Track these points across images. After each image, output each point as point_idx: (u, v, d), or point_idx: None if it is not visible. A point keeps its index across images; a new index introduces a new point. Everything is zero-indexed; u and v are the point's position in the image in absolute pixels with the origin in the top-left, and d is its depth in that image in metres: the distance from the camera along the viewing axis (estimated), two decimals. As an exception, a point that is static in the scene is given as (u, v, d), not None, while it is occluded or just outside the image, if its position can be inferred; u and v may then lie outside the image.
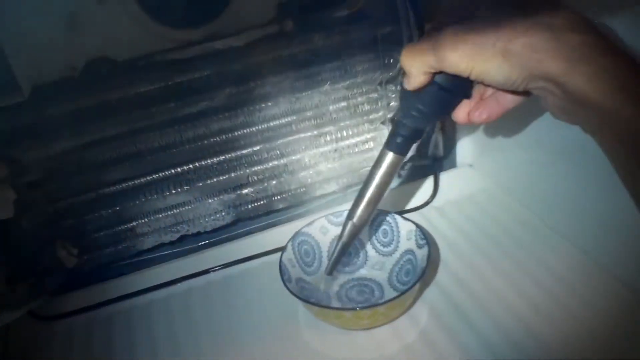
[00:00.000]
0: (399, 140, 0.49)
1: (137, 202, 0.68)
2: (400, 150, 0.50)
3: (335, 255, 0.57)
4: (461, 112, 0.47)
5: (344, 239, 0.56)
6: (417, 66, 0.43)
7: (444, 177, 0.76)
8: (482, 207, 0.73)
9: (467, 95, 0.46)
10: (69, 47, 0.61)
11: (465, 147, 0.78)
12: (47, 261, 0.68)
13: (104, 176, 0.66)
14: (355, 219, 0.54)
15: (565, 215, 0.64)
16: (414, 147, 0.52)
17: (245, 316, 0.63)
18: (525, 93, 0.43)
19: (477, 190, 0.76)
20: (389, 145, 0.50)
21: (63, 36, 0.60)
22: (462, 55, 0.39)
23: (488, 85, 0.43)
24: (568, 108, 0.38)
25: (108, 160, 0.65)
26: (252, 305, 0.65)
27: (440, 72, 0.43)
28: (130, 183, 0.67)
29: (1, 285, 0.63)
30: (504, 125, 0.69)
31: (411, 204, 0.75)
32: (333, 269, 0.58)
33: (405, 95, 0.46)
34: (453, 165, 0.79)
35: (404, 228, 0.63)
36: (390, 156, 0.50)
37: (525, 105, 0.45)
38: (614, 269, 0.58)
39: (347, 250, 0.57)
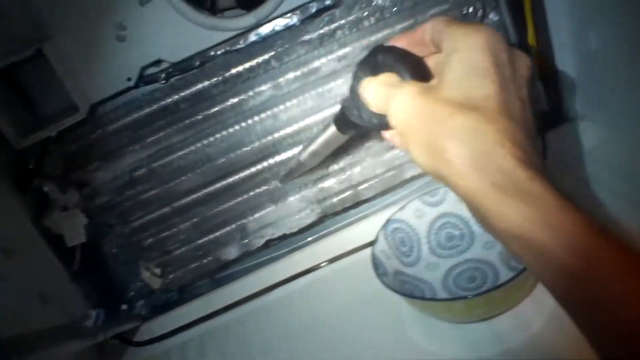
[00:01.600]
0: (340, 121, 0.47)
1: (215, 210, 0.64)
2: (341, 129, 0.47)
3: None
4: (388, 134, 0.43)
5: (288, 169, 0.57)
6: (375, 100, 0.39)
7: (552, 134, 0.65)
8: (602, 164, 0.62)
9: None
10: (121, 57, 0.58)
11: (575, 97, 0.66)
12: (133, 284, 0.65)
13: (176, 187, 0.62)
14: (301, 156, 0.54)
15: None
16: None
17: (345, 319, 0.57)
18: None
19: (594, 146, 0.64)
20: (333, 118, 0.48)
21: (113, 48, 0.58)
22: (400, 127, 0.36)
23: None
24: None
25: (178, 169, 0.62)
26: (351, 307, 0.58)
27: None
28: (204, 191, 0.63)
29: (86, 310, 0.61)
30: (620, 67, 0.58)
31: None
32: (285, 179, 0.59)
33: (354, 93, 0.42)
34: (561, 120, 0.68)
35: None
36: (332, 129, 0.48)
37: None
38: None
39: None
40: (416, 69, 0.37)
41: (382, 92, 0.38)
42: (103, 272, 0.64)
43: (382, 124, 0.39)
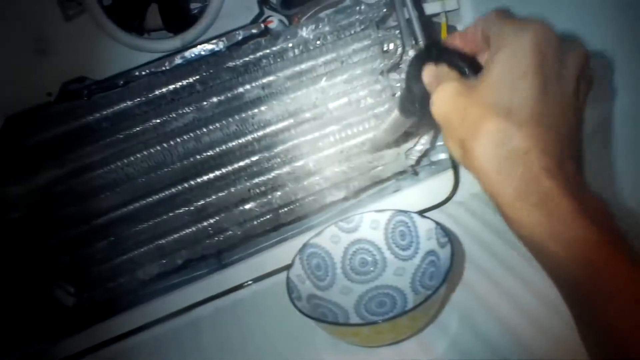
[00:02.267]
0: (401, 105, 0.45)
1: (133, 230, 0.63)
2: (402, 113, 0.46)
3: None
4: None
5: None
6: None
7: (465, 169, 0.69)
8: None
9: None
10: (41, 71, 0.58)
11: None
12: (44, 303, 0.63)
13: (94, 206, 0.61)
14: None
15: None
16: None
17: (259, 342, 0.58)
18: None
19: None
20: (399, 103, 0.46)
21: (33, 61, 0.57)
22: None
23: None
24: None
25: (96, 188, 0.61)
26: (266, 329, 0.59)
27: None
28: (123, 210, 0.62)
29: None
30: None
31: (431, 202, 0.68)
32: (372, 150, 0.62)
33: (407, 81, 0.41)
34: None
35: (423, 227, 0.56)
36: (395, 112, 0.47)
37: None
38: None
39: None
40: (463, 64, 0.37)
41: (432, 82, 0.38)
42: (16, 289, 0.62)
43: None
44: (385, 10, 0.62)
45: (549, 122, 0.32)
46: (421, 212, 0.60)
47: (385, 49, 0.64)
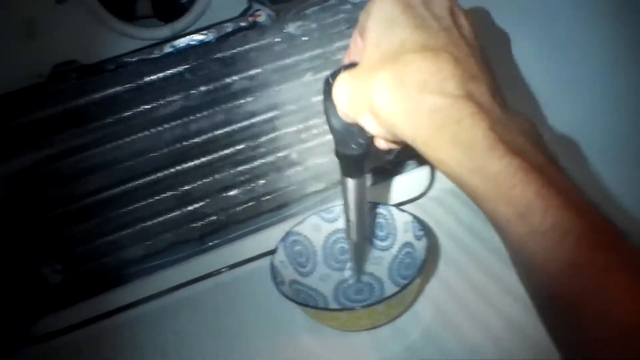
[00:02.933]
0: (350, 168, 0.47)
1: (118, 211, 0.64)
2: (357, 175, 0.48)
3: (355, 267, 0.59)
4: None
5: (353, 255, 0.57)
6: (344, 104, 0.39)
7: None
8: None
9: None
10: (32, 53, 0.58)
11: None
12: (29, 280, 0.64)
13: (80, 187, 0.62)
14: (354, 238, 0.53)
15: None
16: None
17: (241, 324, 0.60)
18: None
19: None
20: (344, 172, 0.48)
21: (23, 42, 0.57)
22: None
23: None
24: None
25: (83, 169, 0.62)
26: (247, 312, 0.61)
27: None
28: (108, 192, 0.63)
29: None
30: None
31: (406, 196, 0.71)
32: (359, 274, 0.60)
33: (338, 128, 0.42)
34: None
35: (400, 220, 0.59)
36: (351, 181, 0.48)
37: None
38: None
39: (362, 256, 0.59)
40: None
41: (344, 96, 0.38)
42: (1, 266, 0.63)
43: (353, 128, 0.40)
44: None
45: (438, 50, 0.32)
46: (397, 205, 0.63)
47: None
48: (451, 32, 0.34)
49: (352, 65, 0.38)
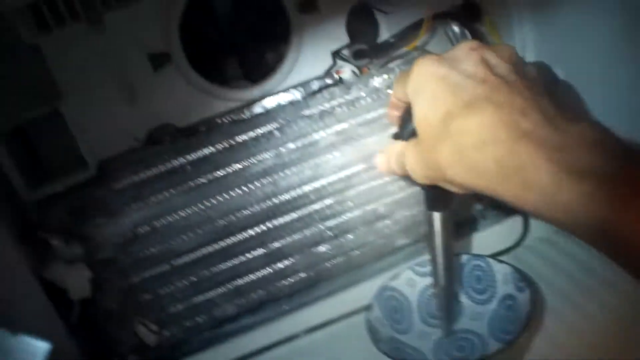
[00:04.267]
0: (436, 200, 0.48)
1: (212, 270, 0.65)
2: (443, 208, 0.48)
3: (442, 319, 0.57)
4: None
5: (442, 303, 0.56)
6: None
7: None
8: (580, 241, 0.66)
9: None
10: (130, 118, 0.61)
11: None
12: (127, 340, 0.66)
13: (177, 246, 0.64)
14: (440, 282, 0.53)
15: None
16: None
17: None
18: None
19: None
20: (429, 206, 0.49)
21: (123, 109, 0.61)
22: None
23: None
24: None
25: (179, 229, 0.63)
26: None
27: None
28: (202, 251, 0.65)
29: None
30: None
31: (500, 246, 0.68)
32: (447, 331, 0.57)
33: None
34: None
35: (500, 271, 0.57)
36: (436, 216, 0.49)
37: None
38: None
39: (451, 306, 0.56)
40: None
41: (395, 162, 0.44)
42: (99, 327, 0.65)
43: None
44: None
45: (480, 104, 0.34)
46: (492, 256, 0.60)
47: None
48: (487, 80, 0.35)
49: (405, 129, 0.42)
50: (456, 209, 0.50)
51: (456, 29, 0.62)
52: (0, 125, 0.57)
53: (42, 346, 0.36)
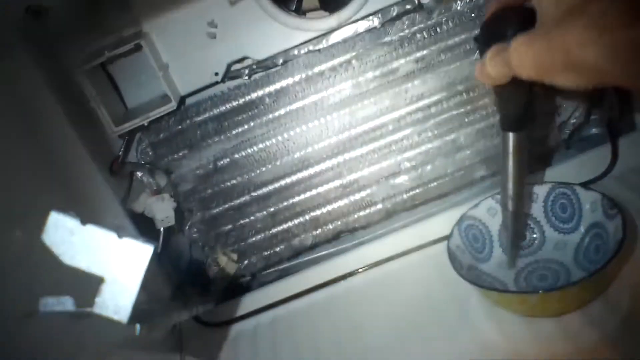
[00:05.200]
0: (512, 119, 0.47)
1: (291, 201, 0.67)
2: (519, 127, 0.47)
3: (509, 246, 0.56)
4: None
5: (509, 229, 0.54)
6: (498, 73, 0.42)
7: (623, 142, 0.66)
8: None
9: None
10: (210, 53, 0.62)
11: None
12: (209, 268, 0.68)
13: (256, 178, 0.65)
14: (509, 206, 0.52)
15: None
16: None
17: (414, 311, 0.58)
18: None
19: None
20: (504, 125, 0.48)
21: (203, 44, 0.61)
22: None
23: None
24: None
25: (258, 161, 0.65)
26: (420, 300, 0.59)
27: None
28: (281, 182, 0.66)
29: (169, 291, 0.65)
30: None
31: (588, 177, 0.66)
32: (513, 260, 0.56)
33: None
34: (632, 128, 0.68)
35: (587, 199, 0.55)
36: (512, 136, 0.48)
37: None
38: None
39: (520, 237, 0.55)
40: (519, 24, 0.39)
41: (497, 61, 0.40)
42: (183, 256, 0.68)
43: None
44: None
45: None
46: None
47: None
48: None
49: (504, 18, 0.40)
50: (534, 132, 0.48)
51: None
52: (86, 60, 0.58)
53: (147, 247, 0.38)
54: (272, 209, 0.67)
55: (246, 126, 0.63)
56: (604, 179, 0.65)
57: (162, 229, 0.66)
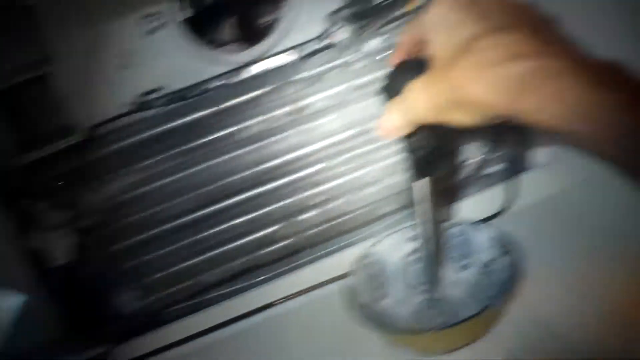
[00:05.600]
0: (423, 163, 0.48)
1: (197, 237, 0.65)
2: (429, 173, 0.49)
3: (428, 282, 0.57)
4: None
5: (427, 267, 0.56)
6: (399, 123, 0.43)
7: (523, 179, 0.71)
8: (564, 209, 0.67)
9: None
10: (122, 82, 0.60)
11: (541, 147, 0.72)
12: (110, 306, 0.66)
13: (163, 212, 0.64)
14: (427, 248, 0.54)
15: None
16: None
17: (315, 350, 0.59)
18: None
19: (557, 191, 0.69)
20: (415, 171, 0.49)
21: (115, 73, 0.60)
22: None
23: None
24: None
25: (166, 195, 0.63)
26: (322, 338, 0.60)
27: None
28: (188, 217, 0.65)
29: (62, 333, 0.61)
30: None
31: (486, 213, 0.69)
32: (434, 295, 0.58)
33: None
34: (531, 166, 0.73)
35: (481, 237, 0.58)
36: (422, 182, 0.50)
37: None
38: None
39: (437, 272, 0.57)
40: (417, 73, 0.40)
41: (395, 116, 0.42)
42: (82, 293, 0.65)
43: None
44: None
45: (508, 28, 0.34)
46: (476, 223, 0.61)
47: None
48: (516, 10, 0.37)
49: (402, 71, 0.42)
50: (443, 175, 0.50)
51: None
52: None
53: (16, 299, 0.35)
54: (176, 245, 0.65)
55: (155, 159, 0.62)
56: (504, 215, 0.68)
57: (60, 265, 0.63)
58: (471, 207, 0.69)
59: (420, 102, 0.39)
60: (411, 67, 0.41)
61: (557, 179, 0.70)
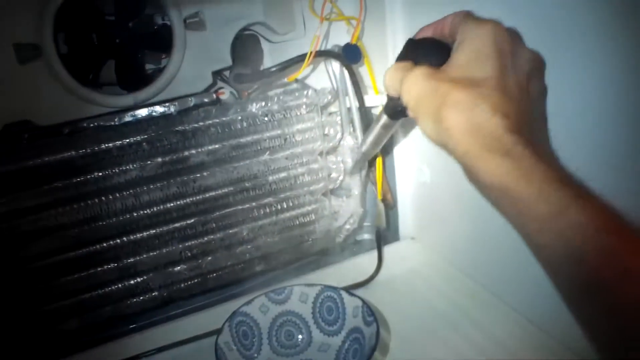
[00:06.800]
0: (388, 108, 0.51)
1: (60, 280, 0.61)
2: (390, 116, 0.51)
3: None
4: None
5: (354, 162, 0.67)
6: (390, 83, 0.44)
7: (388, 250, 0.73)
8: (427, 280, 0.70)
9: None
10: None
11: (408, 220, 0.76)
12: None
13: (23, 251, 0.59)
14: (362, 149, 0.58)
15: (511, 284, 0.62)
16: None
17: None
18: None
19: (421, 263, 0.73)
20: (385, 109, 0.51)
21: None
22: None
23: None
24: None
25: (27, 233, 0.59)
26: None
27: None
28: (50, 259, 0.60)
29: None
30: (446, 197, 0.68)
31: (355, 279, 0.71)
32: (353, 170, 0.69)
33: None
34: (396, 238, 0.77)
35: (350, 304, 0.59)
36: (383, 117, 0.52)
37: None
38: (560, 336, 0.55)
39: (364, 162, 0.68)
40: (431, 57, 0.42)
41: (396, 76, 0.43)
42: None
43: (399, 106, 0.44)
44: (329, 97, 0.67)
45: (510, 95, 0.38)
46: (346, 289, 0.62)
47: (326, 132, 0.68)
48: (524, 90, 0.40)
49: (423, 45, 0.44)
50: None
51: (337, 66, 0.65)
52: None
53: None
54: (38, 287, 0.61)
55: (17, 194, 0.58)
56: (370, 283, 0.71)
57: None
58: (346, 272, 0.71)
59: (414, 91, 0.41)
60: (432, 47, 0.44)
61: (421, 251, 0.74)
